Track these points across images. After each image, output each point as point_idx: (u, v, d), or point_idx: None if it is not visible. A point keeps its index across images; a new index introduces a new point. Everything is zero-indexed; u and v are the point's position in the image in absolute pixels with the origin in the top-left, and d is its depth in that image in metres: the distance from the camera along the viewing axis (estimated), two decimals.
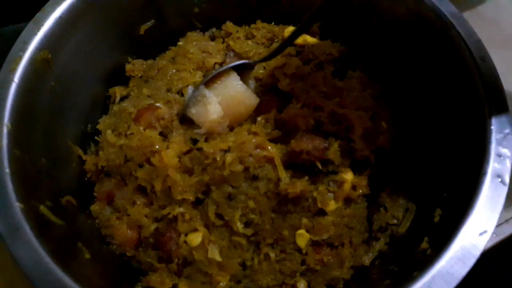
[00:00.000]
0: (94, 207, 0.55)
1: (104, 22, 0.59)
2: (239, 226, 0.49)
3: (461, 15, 0.52)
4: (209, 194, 0.50)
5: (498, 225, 0.62)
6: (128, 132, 0.53)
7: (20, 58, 0.50)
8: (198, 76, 0.58)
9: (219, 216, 0.50)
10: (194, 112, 0.52)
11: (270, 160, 0.50)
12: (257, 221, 0.49)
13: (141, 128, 0.53)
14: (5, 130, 0.47)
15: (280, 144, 0.52)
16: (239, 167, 0.49)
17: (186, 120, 0.53)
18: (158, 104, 0.54)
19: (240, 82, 0.53)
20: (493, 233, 0.44)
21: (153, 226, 0.51)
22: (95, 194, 0.55)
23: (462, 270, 0.40)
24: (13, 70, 0.50)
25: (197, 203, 0.51)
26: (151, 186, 0.51)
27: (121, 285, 0.49)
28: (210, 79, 0.53)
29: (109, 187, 0.54)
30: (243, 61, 0.57)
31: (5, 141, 0.46)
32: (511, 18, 0.81)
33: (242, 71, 0.55)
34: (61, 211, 0.49)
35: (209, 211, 0.49)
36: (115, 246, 0.53)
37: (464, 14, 0.61)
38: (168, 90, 0.57)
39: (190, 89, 0.53)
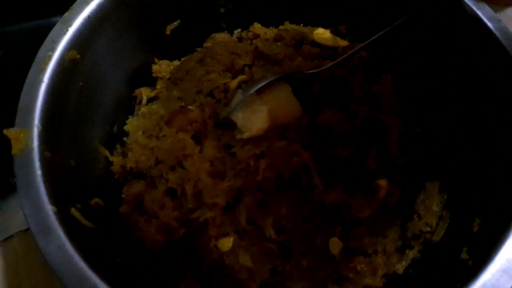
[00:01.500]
0: (123, 209, 0.54)
1: (131, 22, 0.58)
2: (271, 232, 0.48)
3: (499, 19, 0.51)
4: (241, 200, 0.49)
5: None
6: (160, 134, 0.52)
7: (50, 57, 0.49)
8: (228, 77, 0.57)
9: (251, 222, 0.49)
10: (240, 116, 0.50)
11: (304, 167, 0.49)
12: (289, 227, 0.48)
13: (173, 131, 0.52)
14: (35, 131, 0.46)
15: (313, 150, 0.51)
16: (272, 173, 0.48)
17: (224, 124, 0.52)
18: (190, 107, 0.53)
19: (291, 95, 0.52)
20: None
21: (182, 230, 0.50)
22: (123, 196, 0.54)
23: (507, 283, 0.39)
24: (42, 70, 0.49)
25: (228, 208, 0.50)
26: (181, 189, 0.50)
27: None
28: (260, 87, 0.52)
29: (138, 189, 0.53)
30: (294, 71, 0.55)
31: (36, 143, 0.45)
32: None
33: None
34: (90, 213, 0.48)
35: (240, 216, 0.48)
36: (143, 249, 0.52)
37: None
38: (198, 92, 0.56)
39: (240, 93, 0.52)
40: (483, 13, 0.51)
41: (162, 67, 0.62)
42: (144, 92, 0.61)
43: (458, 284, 0.40)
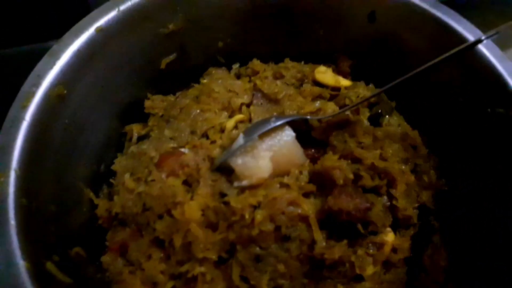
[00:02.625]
0: (105, 258, 0.49)
1: (124, 55, 0.55)
2: None
3: None
4: (234, 254, 0.45)
5: None
6: (149, 179, 0.48)
7: (33, 94, 0.46)
8: (224, 116, 0.54)
9: (244, 279, 0.45)
10: (240, 163, 0.46)
11: (304, 219, 0.45)
12: (287, 286, 0.44)
13: (164, 175, 0.48)
14: (12, 176, 0.42)
15: (315, 199, 0.47)
16: (269, 226, 0.44)
17: (220, 169, 0.48)
18: (183, 150, 0.50)
19: (296, 142, 0.49)
20: None
21: (169, 284, 0.46)
22: (107, 243, 0.50)
23: None
24: (24, 107, 0.45)
25: (220, 262, 0.46)
26: (169, 240, 0.46)
27: None
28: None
29: (123, 237, 0.49)
30: (299, 116, 0.52)
31: (11, 189, 0.42)
32: None
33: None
34: (69, 265, 0.44)
35: (233, 273, 0.44)
36: None
37: None
38: (192, 132, 0.53)
39: (241, 138, 0.48)
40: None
41: (155, 103, 0.59)
42: (135, 129, 0.57)
43: None
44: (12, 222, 0.40)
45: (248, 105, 0.57)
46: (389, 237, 0.46)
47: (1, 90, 0.77)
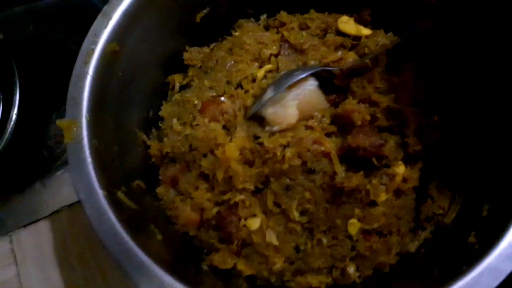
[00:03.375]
0: (160, 190, 0.59)
1: (164, 13, 0.61)
2: (295, 214, 0.53)
3: None
4: (268, 185, 0.54)
5: None
6: (194, 123, 0.57)
7: (93, 51, 0.54)
8: (255, 67, 0.61)
9: (277, 204, 0.54)
10: (270, 112, 0.54)
11: (326, 155, 0.53)
12: (312, 210, 0.53)
13: (206, 120, 0.56)
14: (84, 121, 0.51)
15: (336, 138, 0.54)
16: (297, 161, 0.52)
17: (253, 117, 0.56)
18: (222, 98, 0.57)
19: (318, 90, 0.56)
20: None
21: (215, 210, 0.55)
22: (160, 177, 0.60)
23: (509, 266, 0.43)
24: (87, 63, 0.53)
25: (257, 192, 0.55)
26: (213, 174, 0.55)
27: (189, 263, 0.54)
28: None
29: (173, 172, 0.58)
30: (321, 67, 0.58)
31: (85, 132, 0.50)
32: None
33: None
34: (133, 195, 0.54)
35: (267, 200, 0.53)
36: (179, 226, 0.57)
37: None
38: (228, 82, 0.60)
39: (271, 90, 0.55)
40: None
41: (193, 55, 0.65)
42: (177, 79, 0.65)
43: (465, 266, 0.44)
44: (89, 159, 0.49)
45: (276, 55, 0.63)
46: (400, 169, 0.54)
47: (42, 43, 0.85)
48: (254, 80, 0.60)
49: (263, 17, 0.69)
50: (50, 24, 0.87)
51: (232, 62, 0.61)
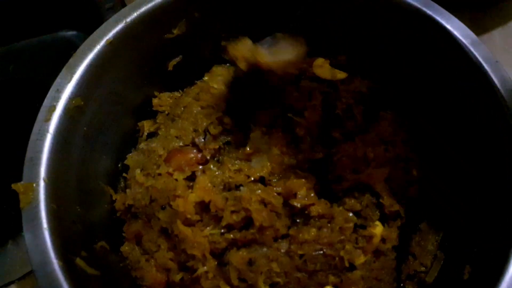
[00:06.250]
0: (124, 248, 0.56)
1: (134, 63, 0.59)
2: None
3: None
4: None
5: None
6: (157, 172, 0.54)
7: (54, 108, 0.51)
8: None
9: (242, 279, 0.50)
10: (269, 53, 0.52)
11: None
12: (283, 282, 0.50)
13: (171, 170, 0.54)
14: (42, 185, 0.48)
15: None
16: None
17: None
18: (188, 147, 0.56)
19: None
20: None
21: (179, 276, 0.52)
22: (124, 234, 0.57)
23: None
24: (47, 121, 0.50)
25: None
26: (171, 228, 0.52)
27: None
28: None
29: (136, 228, 0.56)
30: None
31: (42, 196, 0.47)
32: None
33: None
34: (95, 259, 0.51)
35: (231, 276, 0.50)
36: None
37: (495, 31, 0.75)
38: (195, 131, 0.58)
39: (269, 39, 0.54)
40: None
41: (162, 100, 0.63)
42: (146, 125, 0.62)
43: None
44: (45, 225, 0.46)
45: None
46: (377, 230, 0.51)
47: (18, 84, 0.83)
48: (221, 123, 0.58)
49: None
50: (31, 64, 0.85)
51: (199, 108, 0.59)
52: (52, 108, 0.51)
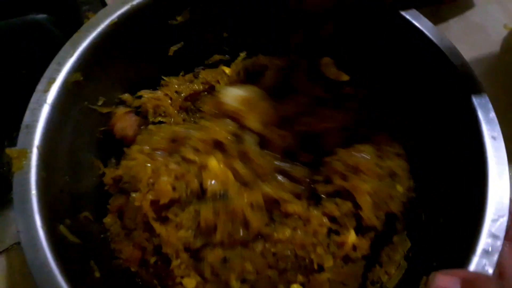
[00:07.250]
0: (107, 220, 0.58)
1: (135, 45, 0.61)
2: (236, 285, 0.51)
3: None
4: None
5: None
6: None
7: (54, 80, 0.53)
8: None
9: (215, 274, 0.51)
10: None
11: None
12: (254, 278, 0.51)
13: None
14: (35, 152, 0.50)
15: None
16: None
17: None
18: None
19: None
20: None
21: (153, 259, 0.54)
22: (108, 206, 0.59)
23: None
24: (46, 92, 0.52)
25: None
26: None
27: None
28: None
29: (119, 202, 0.58)
30: None
31: (34, 163, 0.49)
32: (497, 24, 0.83)
33: None
34: (78, 227, 0.53)
35: (204, 271, 0.51)
36: (121, 261, 0.56)
37: (452, 20, 0.80)
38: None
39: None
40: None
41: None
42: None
43: None
44: (33, 192, 0.48)
45: None
46: (350, 238, 0.53)
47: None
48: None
49: (243, 53, 0.69)
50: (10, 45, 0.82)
51: None
52: (52, 80, 0.53)
